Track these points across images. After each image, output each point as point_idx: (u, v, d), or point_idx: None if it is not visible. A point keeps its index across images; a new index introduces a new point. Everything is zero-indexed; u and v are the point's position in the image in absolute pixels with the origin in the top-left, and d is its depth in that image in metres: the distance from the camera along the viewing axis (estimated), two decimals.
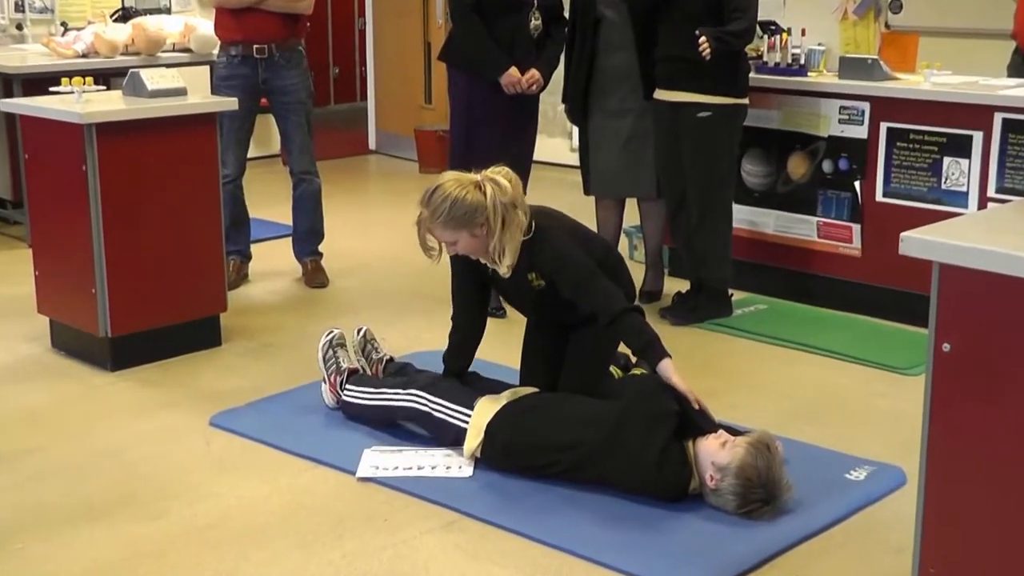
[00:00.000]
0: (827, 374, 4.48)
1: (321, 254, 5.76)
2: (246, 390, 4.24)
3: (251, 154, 5.68)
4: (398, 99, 9.35)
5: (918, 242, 2.32)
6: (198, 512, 3.34)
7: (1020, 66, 5.70)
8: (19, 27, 7.33)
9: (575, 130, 6.38)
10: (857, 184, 5.16)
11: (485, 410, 3.58)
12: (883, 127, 5.07)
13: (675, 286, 5.35)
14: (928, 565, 2.39)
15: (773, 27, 5.74)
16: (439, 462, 3.59)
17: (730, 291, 5.19)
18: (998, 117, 4.76)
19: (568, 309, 3.69)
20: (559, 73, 5.28)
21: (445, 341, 3.92)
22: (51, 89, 5.26)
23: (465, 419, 3.61)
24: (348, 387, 3.92)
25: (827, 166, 5.25)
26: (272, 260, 5.94)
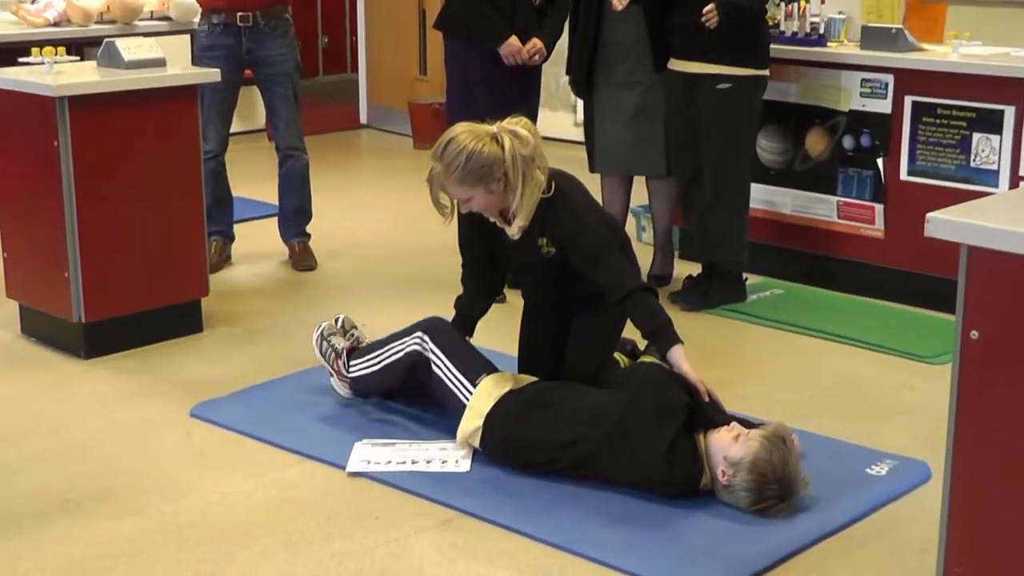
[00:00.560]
0: (847, 363, 4.49)
1: (309, 235, 5.76)
2: (229, 379, 4.25)
3: (234, 129, 5.67)
4: (391, 70, 9.34)
5: (945, 223, 2.31)
6: (178, 509, 3.34)
7: None
8: None
9: (580, 104, 6.37)
10: (880, 162, 5.15)
11: (487, 393, 3.58)
12: (908, 101, 5.06)
13: (686, 270, 5.35)
14: (953, 565, 2.39)
15: None
16: (434, 456, 3.59)
17: (744, 275, 5.19)
18: None
19: (572, 285, 3.67)
20: (563, 43, 5.27)
21: None
22: (20, 60, 5.24)
23: (467, 394, 3.60)
24: (351, 365, 3.93)
25: (848, 142, 5.24)
26: (257, 241, 5.94)
